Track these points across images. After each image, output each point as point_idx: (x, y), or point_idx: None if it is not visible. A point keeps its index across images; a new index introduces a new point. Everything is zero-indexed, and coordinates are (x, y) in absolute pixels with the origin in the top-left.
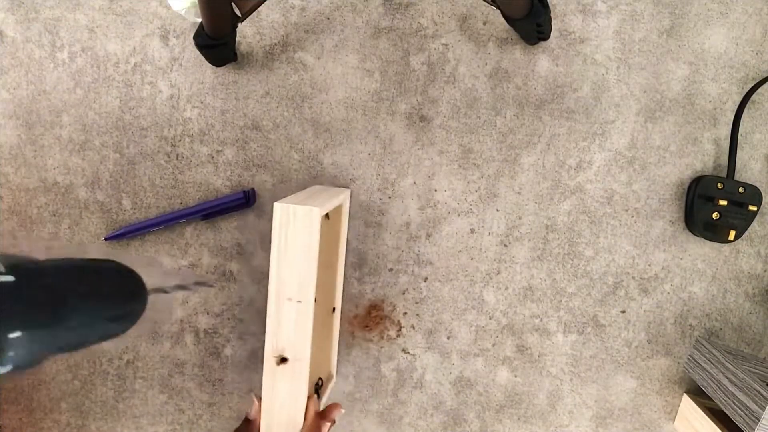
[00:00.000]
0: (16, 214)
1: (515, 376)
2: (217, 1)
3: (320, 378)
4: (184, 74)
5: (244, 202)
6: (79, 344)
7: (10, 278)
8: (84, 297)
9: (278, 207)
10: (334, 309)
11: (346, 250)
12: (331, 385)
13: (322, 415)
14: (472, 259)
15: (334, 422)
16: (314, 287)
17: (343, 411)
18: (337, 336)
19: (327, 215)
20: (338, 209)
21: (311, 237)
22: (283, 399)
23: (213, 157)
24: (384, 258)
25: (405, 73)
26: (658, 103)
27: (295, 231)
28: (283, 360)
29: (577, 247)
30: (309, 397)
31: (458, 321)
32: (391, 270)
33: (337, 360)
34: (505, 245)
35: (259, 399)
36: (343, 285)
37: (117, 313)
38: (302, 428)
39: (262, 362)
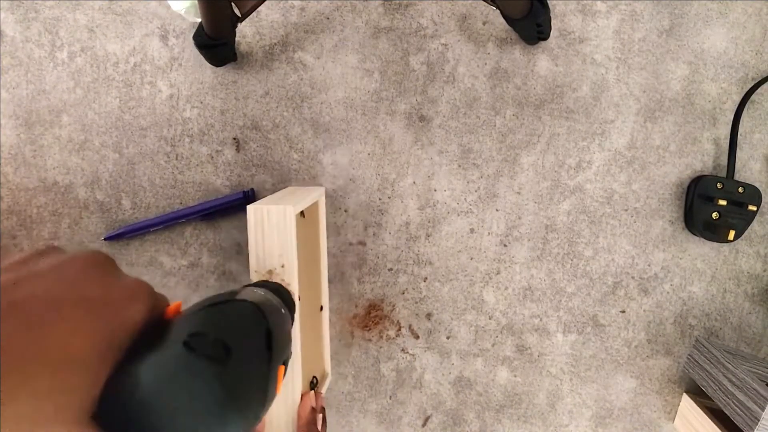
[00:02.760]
0: (15, 214)
1: (515, 376)
2: (217, 1)
3: (314, 376)
4: (184, 74)
5: (243, 202)
6: None
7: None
8: None
9: (251, 209)
10: (321, 308)
11: (347, 249)
12: (327, 384)
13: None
14: (471, 259)
15: (323, 409)
16: (297, 286)
17: (323, 395)
18: (328, 334)
19: (302, 213)
20: (314, 207)
21: (288, 236)
22: (277, 399)
23: (213, 157)
24: (383, 258)
25: (404, 73)
26: (657, 103)
27: (271, 232)
28: None
29: (576, 247)
30: (304, 393)
31: (458, 321)
32: (390, 270)
33: (336, 360)
34: (505, 245)
35: None
36: (343, 285)
37: None
38: (299, 421)
39: None
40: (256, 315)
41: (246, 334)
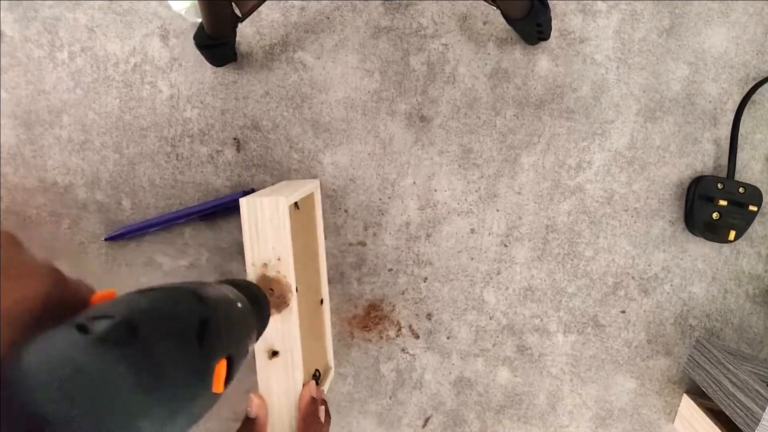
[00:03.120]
0: (14, 214)
1: (515, 377)
2: (217, 1)
3: (317, 370)
4: (184, 74)
5: None
6: None
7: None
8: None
9: (244, 202)
10: (322, 301)
11: (346, 250)
12: (330, 377)
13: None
14: (472, 259)
15: (325, 403)
16: (293, 278)
17: (324, 389)
18: (330, 328)
19: (297, 205)
20: (310, 199)
21: (282, 228)
22: (279, 392)
23: (213, 157)
24: (383, 258)
25: (405, 73)
26: (657, 103)
27: (265, 224)
28: (274, 354)
29: (577, 247)
30: (305, 384)
31: (458, 321)
32: (390, 270)
33: (336, 360)
34: (505, 245)
35: (258, 396)
36: (342, 285)
37: None
38: (299, 413)
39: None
40: (189, 303)
41: (166, 320)
